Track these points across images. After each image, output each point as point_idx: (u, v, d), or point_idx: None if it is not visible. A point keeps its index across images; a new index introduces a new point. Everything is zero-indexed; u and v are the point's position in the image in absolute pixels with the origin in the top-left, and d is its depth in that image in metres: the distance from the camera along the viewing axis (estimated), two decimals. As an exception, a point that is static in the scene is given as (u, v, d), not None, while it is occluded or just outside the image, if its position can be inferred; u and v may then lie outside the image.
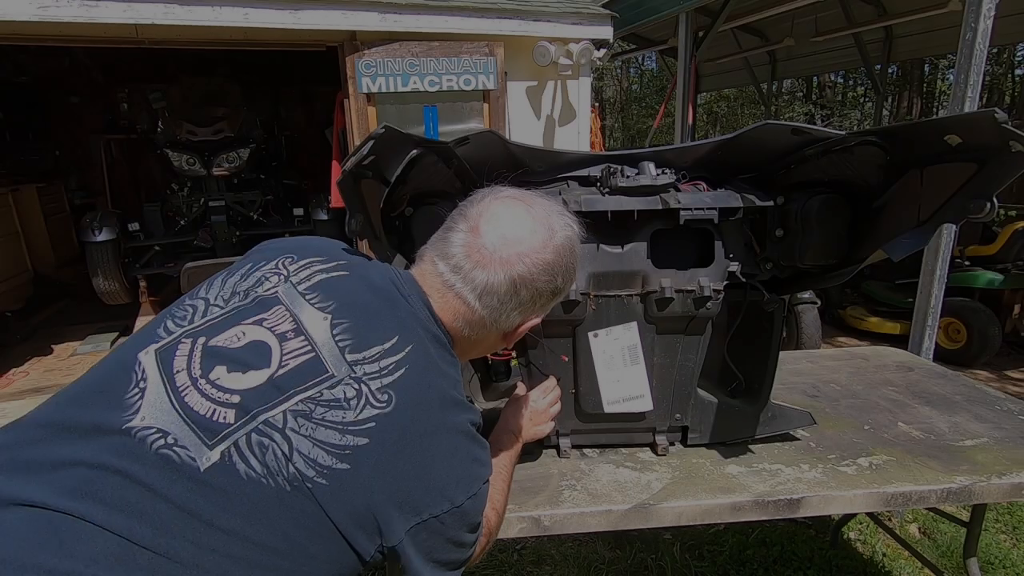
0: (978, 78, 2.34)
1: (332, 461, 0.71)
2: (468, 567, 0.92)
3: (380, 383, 0.77)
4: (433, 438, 0.78)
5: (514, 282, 0.86)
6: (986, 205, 0.99)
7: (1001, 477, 1.25)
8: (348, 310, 0.83)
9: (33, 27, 3.21)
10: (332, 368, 0.77)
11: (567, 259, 0.91)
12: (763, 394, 1.36)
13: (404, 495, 0.74)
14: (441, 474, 0.78)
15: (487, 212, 0.89)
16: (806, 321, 3.91)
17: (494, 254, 0.85)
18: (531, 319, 0.95)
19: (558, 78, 4.40)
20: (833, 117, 16.28)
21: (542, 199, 0.93)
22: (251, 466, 0.69)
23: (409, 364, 0.79)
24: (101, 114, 7.42)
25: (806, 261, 1.23)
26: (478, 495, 0.82)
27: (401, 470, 0.74)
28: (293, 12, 3.49)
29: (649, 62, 19.48)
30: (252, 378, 0.75)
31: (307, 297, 0.84)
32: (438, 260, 0.89)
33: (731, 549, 2.21)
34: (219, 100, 5.65)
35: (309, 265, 0.89)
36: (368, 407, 0.75)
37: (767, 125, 1.15)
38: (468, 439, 0.83)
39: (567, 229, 0.91)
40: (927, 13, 5.67)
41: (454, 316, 0.89)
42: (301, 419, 0.72)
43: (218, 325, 0.80)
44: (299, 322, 0.81)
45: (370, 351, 0.79)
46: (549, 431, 1.26)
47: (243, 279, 0.88)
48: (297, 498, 0.69)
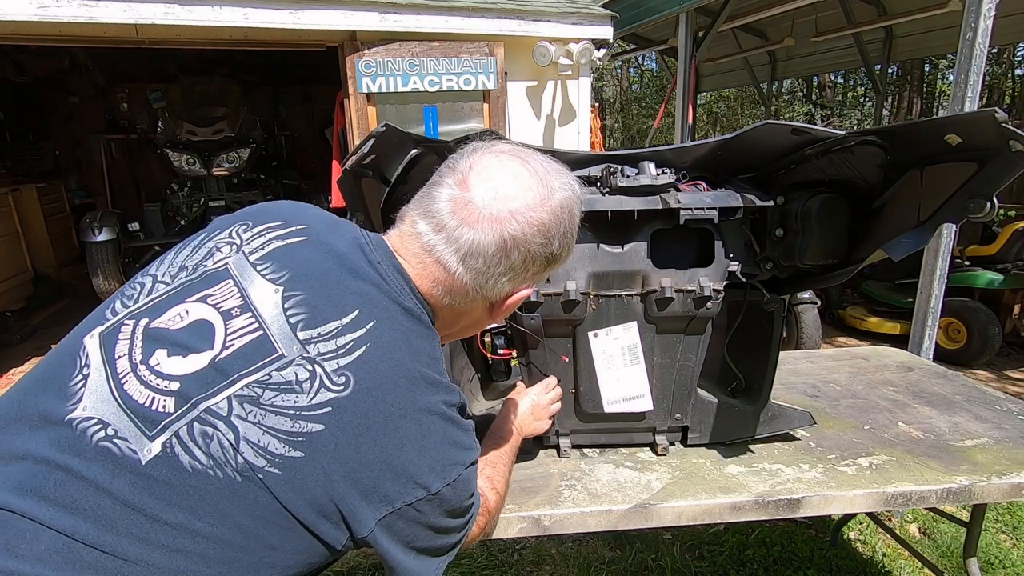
0: (978, 78, 2.34)
1: (284, 449, 0.66)
2: (465, 546, 0.89)
3: (336, 364, 0.70)
4: (400, 421, 0.71)
5: (504, 242, 0.77)
6: (986, 205, 0.99)
7: (1001, 477, 1.25)
8: (303, 281, 0.75)
9: (33, 27, 3.21)
10: (282, 348, 0.70)
11: (565, 222, 0.82)
12: (763, 394, 1.36)
13: (370, 483, 0.69)
14: (411, 460, 0.72)
15: (478, 165, 0.80)
16: (806, 321, 3.91)
17: (483, 210, 0.76)
18: (521, 289, 0.86)
19: (558, 78, 4.40)
20: (833, 117, 16.28)
21: (541, 156, 0.84)
22: (195, 457, 0.65)
23: (371, 341, 0.72)
24: (101, 114, 7.43)
25: (806, 261, 1.23)
26: (459, 481, 0.76)
27: (364, 457, 0.69)
28: (293, 12, 3.49)
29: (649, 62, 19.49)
30: (193, 362, 0.69)
31: (258, 268, 0.76)
32: (419, 219, 0.80)
33: (731, 549, 2.21)
34: (219, 100, 5.65)
35: (264, 232, 0.81)
36: (323, 390, 0.69)
37: (767, 125, 1.15)
38: (443, 421, 0.76)
39: (567, 189, 0.83)
40: (927, 13, 5.67)
41: (433, 283, 0.80)
42: (248, 405, 0.67)
43: (161, 304, 0.75)
44: (247, 297, 0.74)
45: (326, 327, 0.72)
46: (547, 428, 1.27)
47: (194, 251, 0.81)
48: (249, 488, 0.65)
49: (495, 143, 0.84)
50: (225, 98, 5.69)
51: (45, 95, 7.15)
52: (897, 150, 1.13)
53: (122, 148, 7.55)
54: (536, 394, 1.27)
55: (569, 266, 1.23)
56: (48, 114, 7.28)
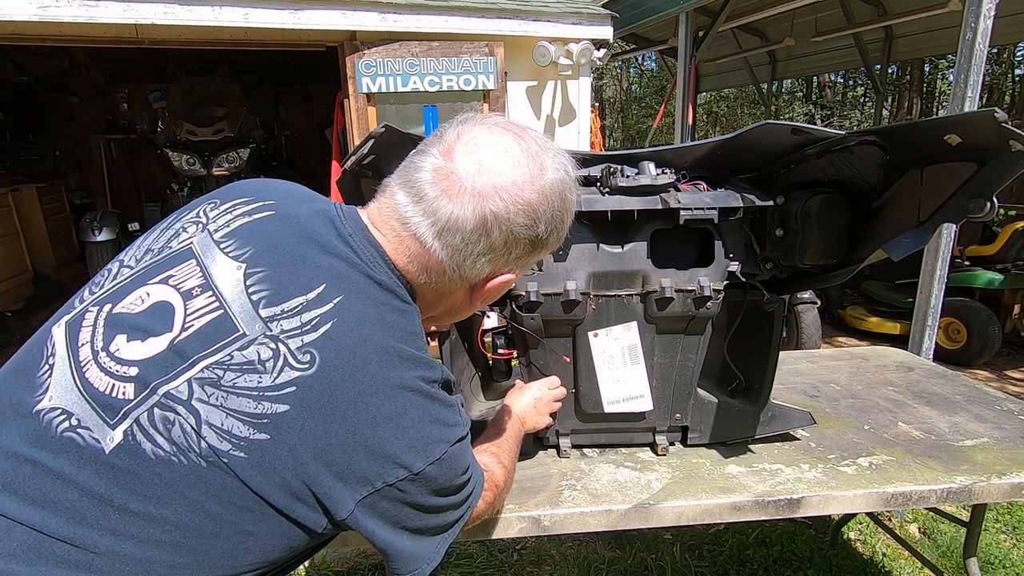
0: (978, 78, 2.34)
1: (249, 432, 0.64)
2: (475, 522, 0.87)
3: (301, 341, 0.67)
4: (372, 399, 0.68)
5: (485, 219, 0.73)
6: (986, 205, 0.99)
7: (1001, 477, 1.25)
8: (266, 257, 0.72)
9: (33, 27, 3.21)
10: (243, 326, 0.68)
11: (555, 205, 0.77)
12: (763, 394, 1.36)
13: (343, 464, 0.67)
14: (387, 439, 0.68)
15: (467, 136, 0.75)
16: (806, 321, 3.91)
17: (466, 183, 0.72)
18: (503, 273, 0.81)
19: (558, 78, 4.40)
20: (833, 117, 16.28)
21: (538, 133, 0.79)
22: (158, 444, 0.63)
23: (338, 317, 0.69)
24: (101, 114, 7.43)
25: (806, 261, 1.23)
26: (445, 459, 0.73)
27: (335, 437, 0.66)
28: (293, 12, 3.49)
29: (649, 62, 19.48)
30: (152, 346, 0.67)
31: (222, 246, 0.73)
32: (399, 190, 0.76)
33: (731, 549, 2.21)
34: (219, 100, 5.66)
35: (232, 209, 0.78)
36: (287, 369, 0.66)
37: (767, 125, 1.15)
38: (421, 398, 0.72)
39: (560, 171, 0.78)
40: (927, 13, 5.67)
41: (409, 258, 0.77)
42: (209, 388, 0.65)
43: (124, 288, 0.73)
44: (208, 276, 0.71)
45: (289, 304, 0.69)
46: (547, 424, 1.28)
47: (161, 234, 0.79)
48: (216, 474, 0.64)
49: (490, 115, 0.80)
50: (225, 98, 5.70)
51: (45, 95, 7.15)
52: (897, 150, 1.13)
53: (122, 148, 7.55)
54: (539, 388, 1.28)
55: (569, 266, 1.23)
56: (48, 114, 7.28)
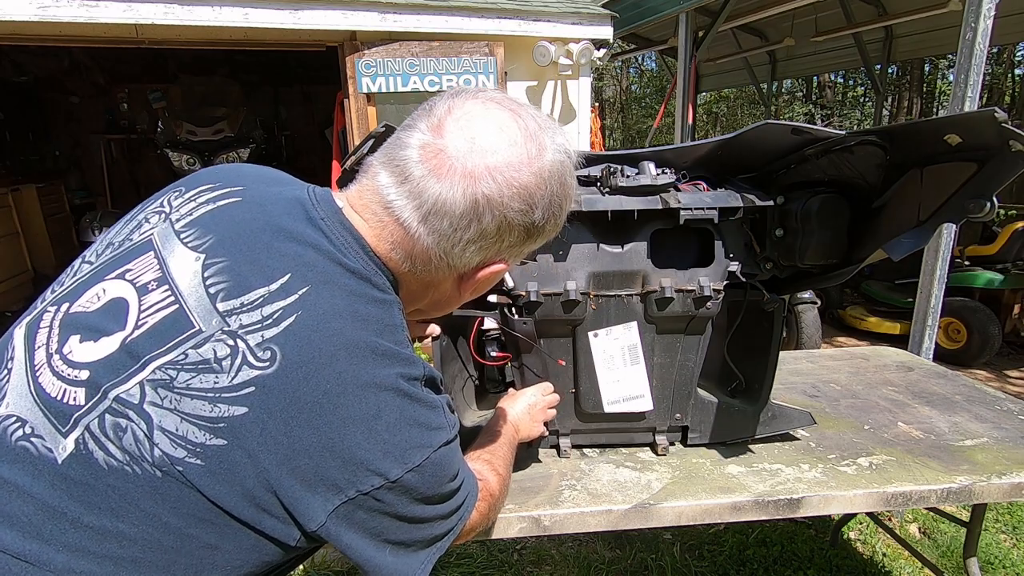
0: (978, 78, 2.34)
1: (205, 437, 0.59)
2: (469, 535, 0.81)
3: (261, 337, 0.61)
4: (339, 400, 0.61)
5: (476, 202, 0.66)
6: (986, 205, 0.99)
7: (1001, 477, 1.25)
8: (228, 246, 0.66)
9: (33, 27, 3.21)
10: (199, 322, 0.62)
11: (553, 189, 0.70)
12: (763, 394, 1.36)
13: (310, 471, 0.61)
14: (359, 444, 0.62)
15: (459, 110, 0.68)
16: (806, 321, 3.91)
17: (456, 162, 0.65)
18: (495, 263, 0.75)
19: (558, 78, 4.40)
20: (833, 117, 16.28)
21: (537, 110, 0.73)
22: (110, 453, 0.59)
23: (303, 309, 0.63)
24: (101, 114, 7.44)
25: (806, 261, 1.23)
26: (426, 466, 0.66)
27: (299, 442, 0.60)
28: (293, 12, 3.49)
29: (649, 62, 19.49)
30: (104, 346, 0.62)
31: (182, 236, 0.68)
32: (382, 169, 0.69)
33: (731, 549, 2.21)
34: (219, 100, 5.67)
35: (196, 196, 0.73)
36: (245, 368, 0.60)
37: (767, 125, 1.15)
38: (399, 398, 0.65)
39: (560, 153, 0.71)
40: (927, 13, 5.67)
41: (391, 245, 0.70)
42: (162, 390, 0.60)
43: (82, 285, 0.68)
44: (165, 268, 0.66)
45: (249, 296, 0.63)
46: (541, 433, 1.22)
47: (124, 226, 0.74)
48: (171, 484, 0.59)
49: (485, 89, 0.73)
50: (225, 98, 5.71)
51: (45, 95, 7.16)
52: (897, 150, 1.13)
53: (122, 148, 7.56)
54: (532, 395, 1.23)
55: (569, 266, 1.23)
56: (48, 114, 7.29)
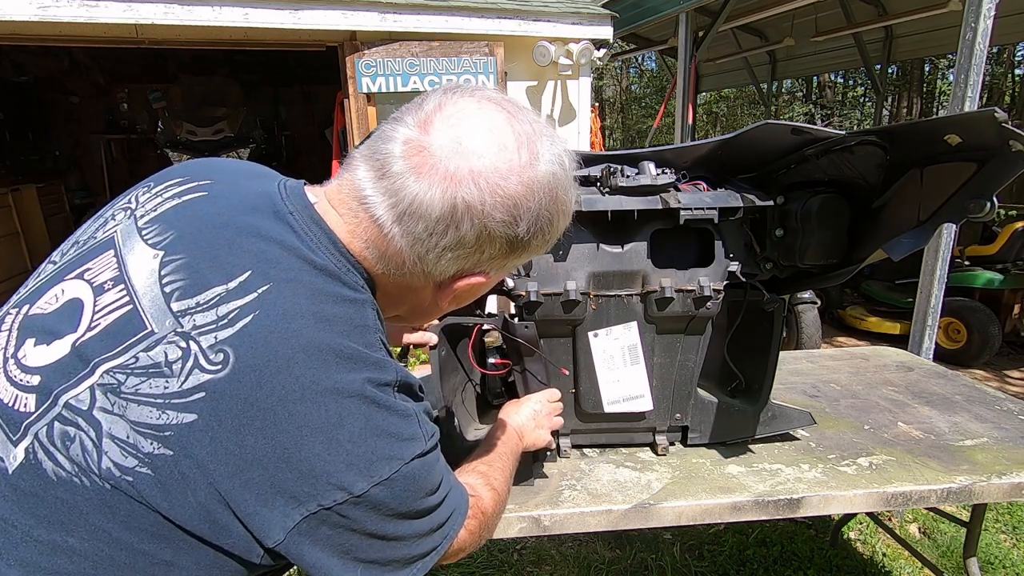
0: (978, 78, 2.34)
1: (153, 447, 0.55)
2: (458, 554, 0.76)
3: (214, 338, 0.57)
4: (296, 407, 0.57)
5: (454, 208, 0.61)
6: (986, 205, 0.99)
7: (1001, 477, 1.25)
8: (188, 242, 0.63)
9: (33, 27, 3.21)
10: (152, 323, 0.59)
11: (543, 202, 0.65)
12: (763, 394, 1.36)
13: (266, 484, 0.57)
14: (318, 454, 0.57)
15: (450, 107, 0.64)
16: (806, 321, 3.92)
17: (439, 162, 0.61)
18: (474, 276, 0.70)
19: (558, 78, 4.40)
20: (833, 117, 16.28)
21: (535, 115, 0.68)
22: (59, 464, 0.56)
23: (261, 309, 0.58)
24: (101, 114, 7.44)
25: (806, 261, 1.23)
26: (397, 480, 0.61)
27: (251, 452, 0.56)
28: (293, 12, 3.49)
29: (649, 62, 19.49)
30: (56, 350, 0.59)
31: (143, 233, 0.65)
32: (362, 163, 0.65)
33: (731, 549, 2.21)
34: (219, 100, 5.67)
35: (163, 191, 0.69)
36: (196, 372, 0.56)
37: (767, 125, 1.15)
38: (365, 404, 0.60)
39: (555, 164, 0.66)
40: (927, 13, 5.67)
41: (366, 243, 0.66)
42: (111, 395, 0.57)
43: (44, 286, 0.65)
44: (123, 267, 0.62)
45: (206, 295, 0.59)
46: (548, 442, 1.16)
47: (91, 223, 0.71)
48: (120, 497, 0.56)
49: (483, 88, 0.68)
50: (225, 98, 5.71)
51: (45, 95, 7.17)
52: (897, 150, 1.13)
53: (122, 148, 7.57)
54: (538, 401, 1.17)
55: (569, 266, 1.23)
56: (48, 114, 7.29)
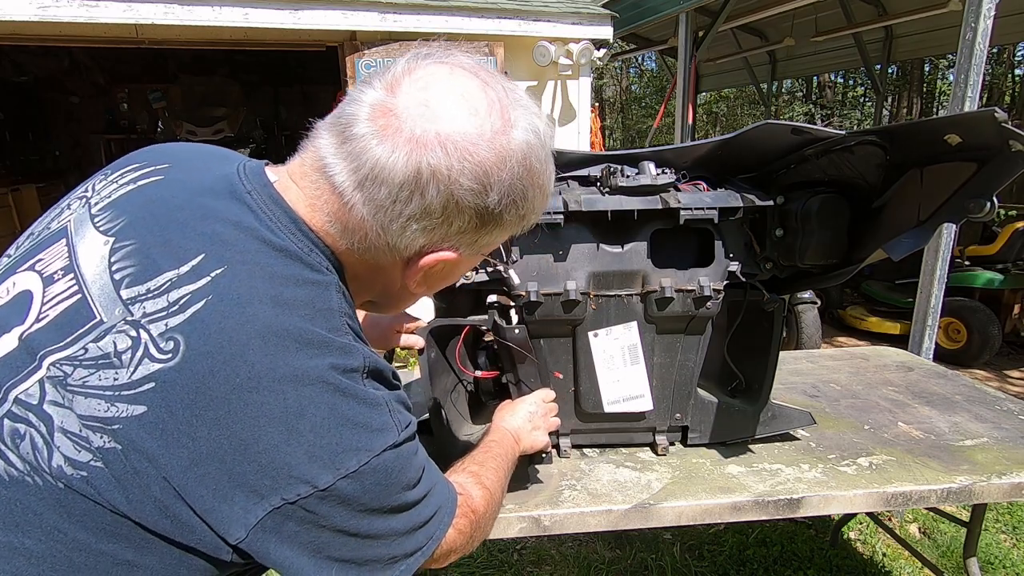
0: (978, 78, 2.34)
1: (103, 441, 0.53)
2: (445, 562, 0.72)
3: (164, 326, 0.55)
4: (252, 396, 0.54)
5: (418, 173, 0.57)
6: (986, 205, 0.99)
7: (1001, 477, 1.25)
8: (140, 227, 0.60)
9: (33, 27, 3.22)
10: (101, 312, 0.56)
11: (515, 172, 0.61)
12: (763, 394, 1.36)
13: (224, 478, 0.54)
14: (277, 445, 0.54)
15: (419, 70, 0.61)
16: (806, 321, 3.92)
17: (404, 124, 0.57)
18: (442, 251, 0.65)
19: (558, 78, 4.40)
20: (833, 117, 16.28)
21: (512, 84, 0.65)
22: (10, 463, 0.54)
23: (214, 294, 0.55)
24: (101, 114, 7.44)
25: (806, 261, 1.23)
26: (366, 472, 0.57)
27: (205, 444, 0.53)
28: (293, 12, 3.49)
29: (649, 62, 19.50)
30: (4, 344, 0.57)
31: (95, 220, 0.62)
32: (326, 130, 0.62)
33: (731, 549, 2.21)
34: (219, 100, 5.67)
35: (119, 178, 0.67)
36: (146, 361, 0.54)
37: (767, 125, 1.15)
38: (330, 393, 0.56)
39: (530, 133, 0.62)
40: (927, 13, 5.67)
41: (328, 217, 0.62)
42: (60, 388, 0.54)
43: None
44: (73, 255, 0.60)
45: (156, 281, 0.56)
46: (545, 444, 1.12)
47: (48, 214, 0.69)
48: (73, 495, 0.53)
49: (456, 54, 0.64)
50: (225, 98, 5.71)
51: (45, 95, 7.17)
52: (897, 150, 1.13)
53: (122, 148, 7.54)
54: (533, 403, 1.14)
55: (569, 266, 1.23)
56: (48, 114, 7.29)
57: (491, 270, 1.21)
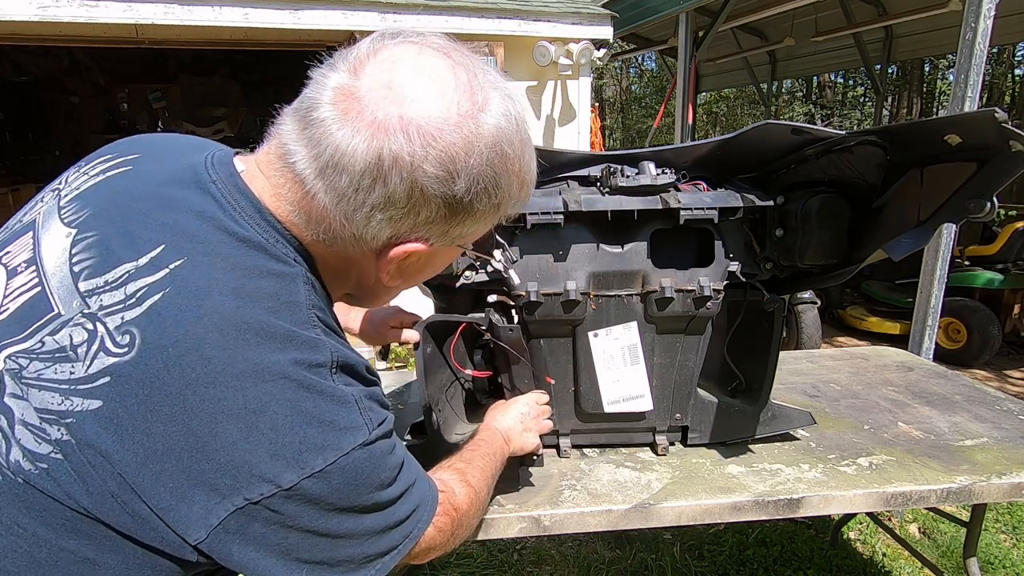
0: (978, 78, 2.34)
1: (60, 433, 0.52)
2: (423, 559, 0.70)
3: (120, 319, 0.53)
4: (209, 391, 0.52)
5: (379, 159, 0.55)
6: (986, 205, 0.99)
7: (1001, 477, 1.25)
8: (102, 219, 0.59)
9: (33, 27, 3.22)
10: (59, 304, 0.55)
11: (485, 158, 0.58)
12: (763, 394, 1.36)
13: (182, 476, 0.52)
14: (236, 443, 0.52)
15: (386, 50, 0.58)
16: (806, 321, 3.92)
17: (366, 107, 0.55)
18: (411, 243, 0.62)
19: (558, 78, 4.40)
20: (833, 117, 16.29)
21: (486, 65, 0.61)
22: None
23: (172, 286, 0.54)
24: (101, 114, 7.44)
25: (806, 261, 1.23)
26: (334, 471, 0.55)
27: (162, 441, 0.52)
28: (293, 12, 3.49)
29: (649, 62, 19.50)
30: None
31: (61, 212, 0.61)
32: (289, 115, 0.60)
33: (731, 549, 2.21)
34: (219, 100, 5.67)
35: (91, 169, 0.66)
36: (101, 355, 0.53)
37: (767, 125, 1.15)
38: (293, 389, 0.55)
39: (501, 117, 0.59)
40: (927, 13, 5.68)
41: (292, 206, 0.60)
42: (16, 381, 0.54)
43: None
44: (37, 247, 0.60)
45: (115, 273, 0.55)
46: (536, 446, 1.11)
47: (23, 208, 0.69)
48: (33, 491, 0.52)
49: (428, 34, 0.61)
50: (225, 98, 5.71)
51: (45, 95, 7.16)
52: (897, 150, 1.13)
53: (122, 148, 7.56)
54: (526, 403, 1.12)
55: (569, 266, 1.23)
56: (48, 114, 7.29)
57: (491, 270, 1.21)
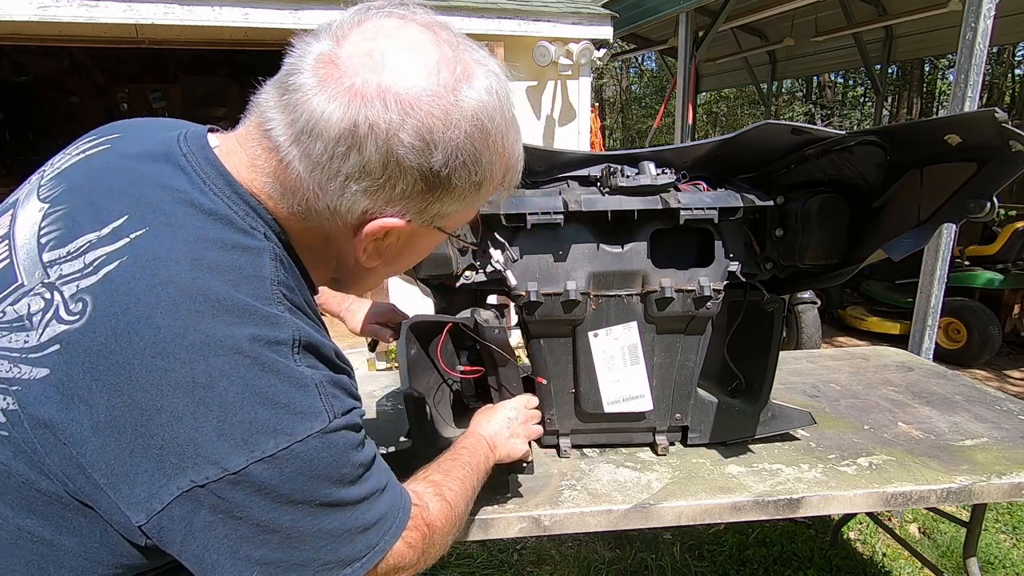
0: (978, 78, 2.34)
1: (6, 403, 0.52)
2: (399, 570, 0.64)
3: (76, 287, 0.53)
4: (157, 362, 0.50)
5: (355, 127, 0.54)
6: (986, 205, 0.99)
7: (1001, 477, 1.25)
8: (74, 193, 0.59)
9: (33, 27, 3.21)
10: (23, 275, 0.55)
11: (464, 131, 0.57)
12: (763, 394, 1.36)
13: (126, 449, 0.50)
14: (182, 417, 0.50)
15: (370, 21, 0.58)
16: (806, 321, 3.92)
17: (345, 74, 0.54)
18: (387, 218, 0.60)
19: (558, 78, 4.40)
20: (833, 117, 16.29)
21: (473, 44, 0.62)
22: None
23: (129, 255, 0.53)
24: (101, 114, 7.43)
25: (806, 261, 1.23)
26: (286, 458, 0.52)
27: (106, 412, 0.50)
28: (293, 12, 3.49)
29: (649, 62, 19.50)
30: None
31: (40, 189, 0.62)
32: (270, 85, 0.60)
33: (731, 549, 2.21)
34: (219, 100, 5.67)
35: (74, 149, 0.67)
36: (54, 323, 0.52)
37: (767, 125, 1.15)
38: (248, 366, 0.52)
39: (484, 93, 0.58)
40: (927, 13, 5.68)
41: (267, 176, 0.59)
42: None
43: None
44: (13, 223, 0.60)
45: (76, 243, 0.55)
46: (525, 453, 1.06)
47: (15, 190, 0.70)
48: None
49: (415, 8, 0.60)
50: (225, 98, 5.71)
51: (45, 95, 7.16)
52: (897, 150, 1.13)
53: (122, 148, 7.56)
54: (513, 408, 1.06)
55: (569, 266, 1.23)
56: (48, 114, 7.29)
57: (491, 270, 1.21)
